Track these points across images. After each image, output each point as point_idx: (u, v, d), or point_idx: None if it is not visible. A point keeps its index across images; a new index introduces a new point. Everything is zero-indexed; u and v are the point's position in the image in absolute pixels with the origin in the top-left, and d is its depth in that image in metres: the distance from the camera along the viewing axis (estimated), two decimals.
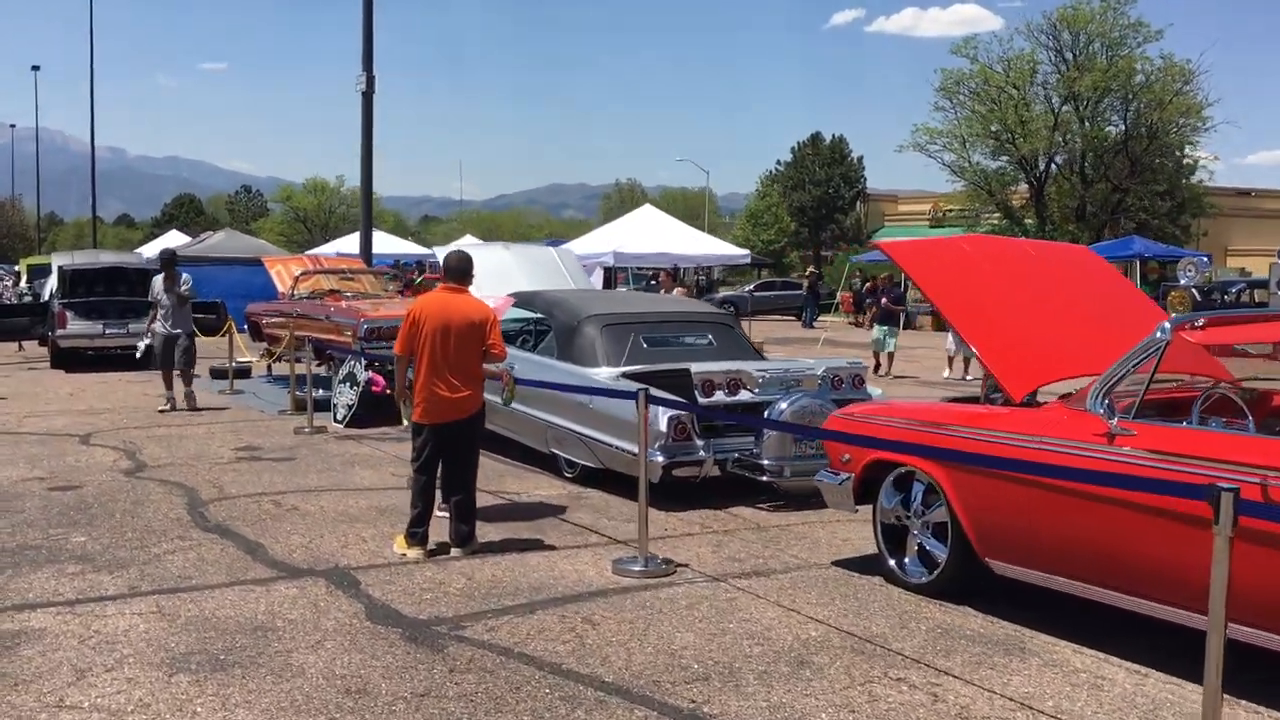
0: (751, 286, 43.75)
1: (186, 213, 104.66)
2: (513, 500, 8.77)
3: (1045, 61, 37.10)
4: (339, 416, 12.83)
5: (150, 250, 34.11)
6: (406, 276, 22.96)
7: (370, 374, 12.89)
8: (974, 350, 6.49)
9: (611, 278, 26.30)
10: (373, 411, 12.73)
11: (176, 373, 13.95)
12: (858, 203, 76.61)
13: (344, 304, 15.47)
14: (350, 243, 36.65)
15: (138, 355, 15.54)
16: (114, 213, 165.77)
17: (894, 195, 76.91)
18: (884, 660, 5.16)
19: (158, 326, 14.01)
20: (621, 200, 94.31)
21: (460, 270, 6.99)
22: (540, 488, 9.24)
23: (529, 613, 5.82)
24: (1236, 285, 25.21)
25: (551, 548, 7.21)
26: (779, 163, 78.53)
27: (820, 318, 35.25)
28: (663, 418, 8.14)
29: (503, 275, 12.34)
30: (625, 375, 8.92)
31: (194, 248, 30.52)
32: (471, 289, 7.15)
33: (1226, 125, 58.96)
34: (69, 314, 19.16)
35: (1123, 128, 37.33)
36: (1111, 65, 35.10)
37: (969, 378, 17.89)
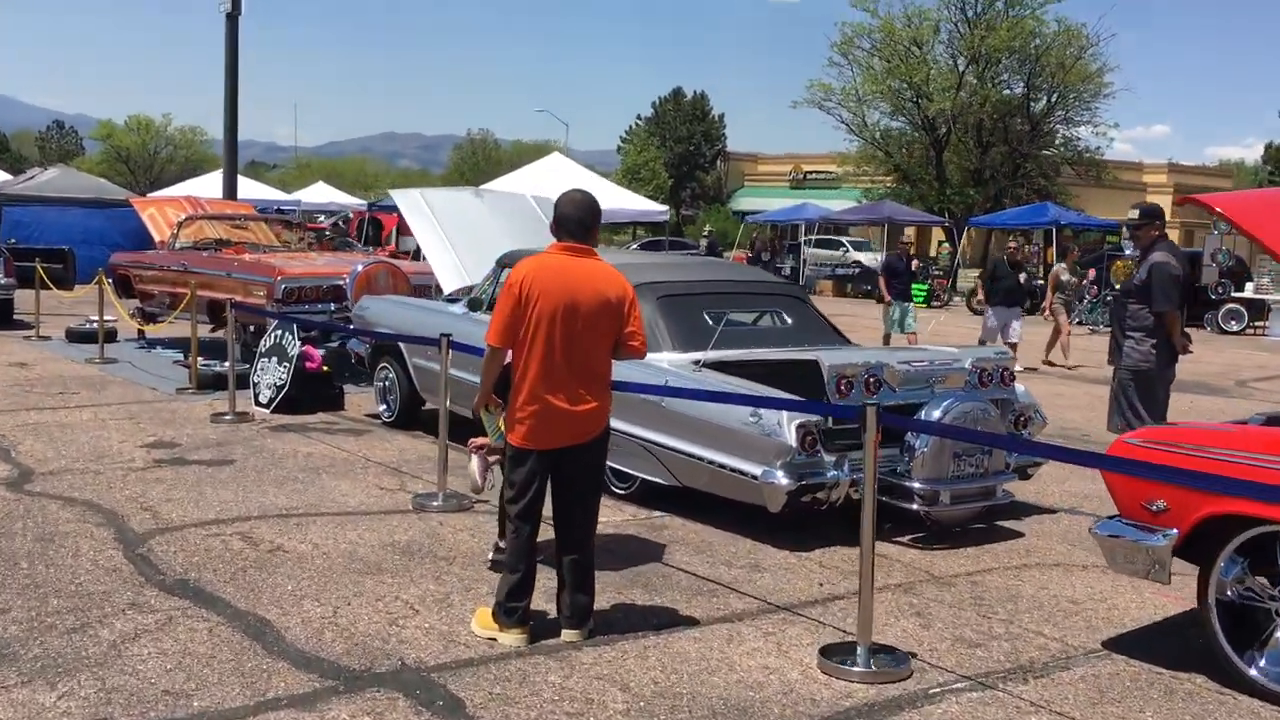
0: (635, 245, 41.51)
1: None
2: None
3: (947, 19, 36.00)
4: (263, 399, 10.31)
5: None
6: (309, 228, 19.82)
7: (304, 346, 10.41)
8: None
9: None
10: (306, 392, 10.28)
11: None
12: (718, 161, 75.40)
13: (250, 257, 12.82)
14: (203, 185, 33.04)
15: None
16: None
17: (754, 156, 76.04)
18: None
19: None
20: (474, 151, 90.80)
21: (583, 221, 4.72)
22: None
23: None
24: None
25: (694, 620, 5.10)
26: (639, 118, 76.66)
27: None
28: (788, 425, 6.11)
29: (475, 229, 10.03)
30: (702, 364, 6.84)
31: (19, 186, 26.60)
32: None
33: (1125, 92, 59.19)
34: None
35: (1023, 90, 36.55)
36: (1015, 25, 34.17)
37: (1070, 365, 15.99)
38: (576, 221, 4.67)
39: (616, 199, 23.16)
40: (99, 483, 7.33)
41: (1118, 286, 23.14)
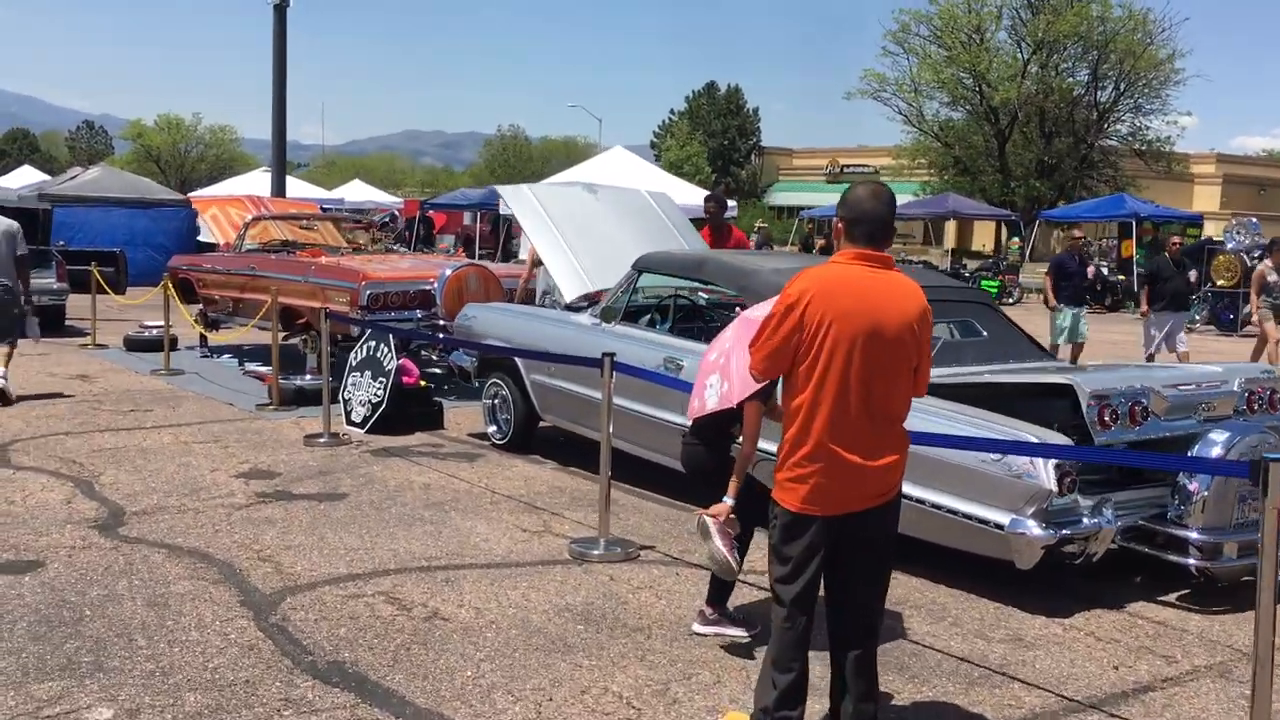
0: None
1: (20, 149, 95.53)
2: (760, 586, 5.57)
3: (1009, 4, 34.69)
4: (356, 418, 9.34)
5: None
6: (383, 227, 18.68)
7: (401, 359, 9.44)
8: None
9: None
10: (403, 410, 9.31)
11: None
12: (753, 155, 74.23)
13: (327, 260, 11.86)
14: (243, 184, 32.21)
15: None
16: None
17: (789, 150, 74.91)
18: None
19: None
20: (504, 148, 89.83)
21: (886, 222, 3.68)
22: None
23: None
24: (1255, 250, 23.21)
25: None
26: (673, 112, 75.65)
27: None
28: (1044, 463, 5.07)
29: (592, 229, 9.01)
30: None
31: (62, 186, 25.72)
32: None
33: (1198, 79, 55.54)
34: None
35: (1088, 78, 35.23)
36: (1081, 11, 32.84)
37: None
38: (878, 222, 3.62)
39: (685, 195, 22.07)
40: (202, 524, 6.36)
41: (1219, 283, 21.98)
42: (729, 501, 4.53)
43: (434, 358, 11.63)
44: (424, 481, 7.56)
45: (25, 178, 33.36)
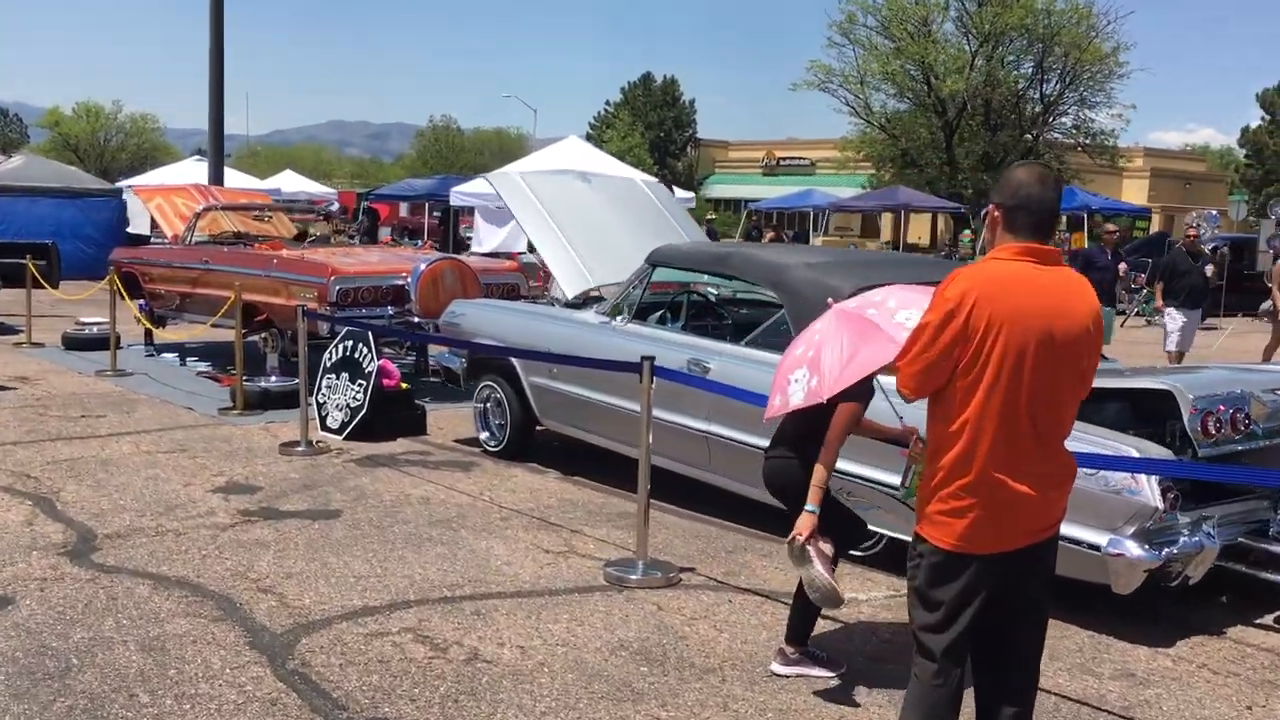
0: None
1: None
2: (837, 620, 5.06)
3: None
4: (333, 423, 8.66)
5: None
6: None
7: (381, 360, 8.79)
8: None
9: None
10: (384, 415, 8.65)
11: None
12: (689, 147, 73.87)
13: (289, 253, 11.11)
14: (173, 174, 30.98)
15: None
16: None
17: (725, 142, 74.75)
18: None
19: None
20: (436, 139, 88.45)
21: (1053, 210, 3.15)
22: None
23: None
24: (1212, 243, 23.23)
25: None
26: (608, 103, 75.09)
27: None
28: (1146, 480, 4.62)
29: (588, 220, 8.44)
30: None
31: None
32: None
33: (1141, 73, 55.43)
34: None
35: (1033, 70, 35.21)
36: (1028, 2, 32.78)
37: None
38: (1045, 210, 3.10)
39: None
40: (185, 549, 5.69)
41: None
42: (814, 510, 4.03)
43: (407, 357, 10.99)
44: (421, 495, 6.94)
45: None
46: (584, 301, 8.12)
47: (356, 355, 8.74)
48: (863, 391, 4.06)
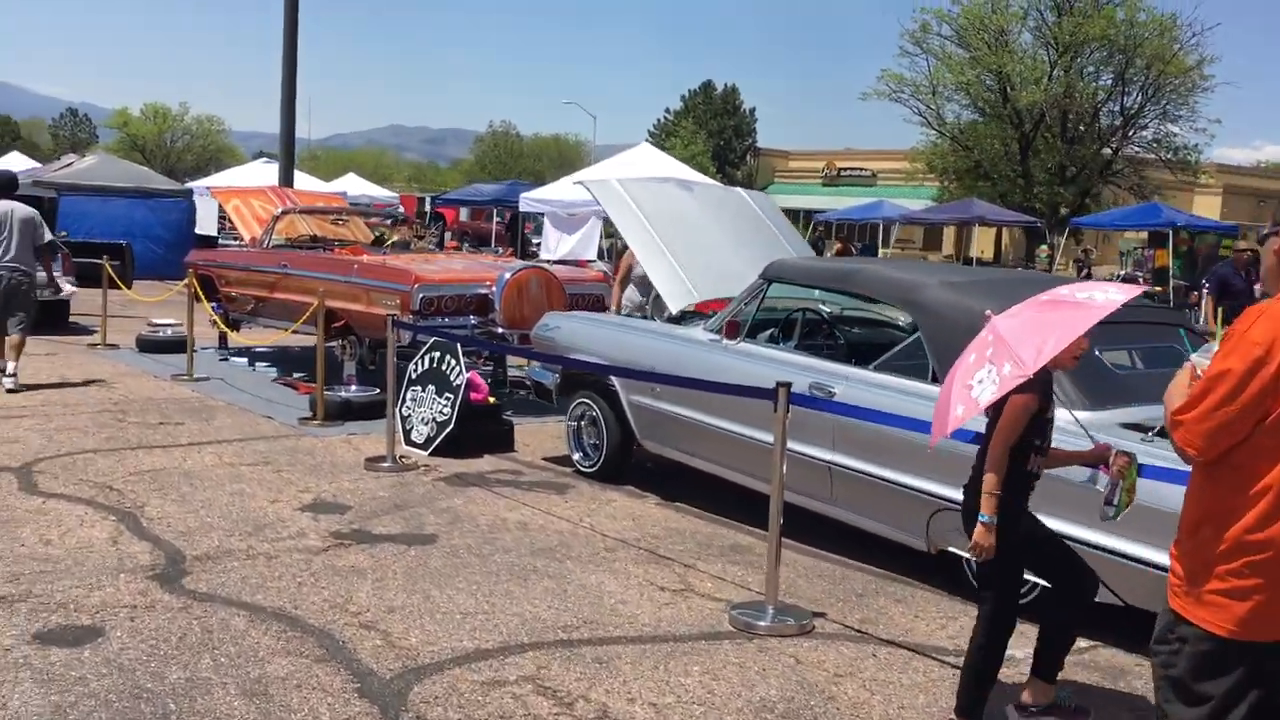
0: None
1: (1, 137, 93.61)
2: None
3: (1035, 4, 33.71)
4: (418, 437, 8.31)
5: None
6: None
7: (469, 372, 8.43)
8: None
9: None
10: (470, 430, 8.28)
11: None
12: (748, 156, 73.38)
13: (370, 258, 10.82)
14: (244, 175, 31.01)
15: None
16: None
17: (785, 152, 74.18)
18: None
19: None
20: (495, 144, 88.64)
21: None
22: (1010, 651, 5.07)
23: None
24: None
25: None
26: (668, 111, 74.90)
27: None
28: None
29: (690, 230, 8.03)
30: (1153, 434, 4.82)
31: (59, 174, 24.49)
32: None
33: (1226, 86, 53.61)
34: None
35: (1112, 82, 34.32)
36: (1109, 11, 31.94)
37: None
38: None
39: None
40: (279, 575, 5.34)
41: None
42: (989, 521, 3.63)
43: (483, 368, 10.64)
44: (518, 520, 6.55)
45: (14, 165, 31.91)
46: (679, 316, 7.72)
47: (444, 367, 8.39)
48: (1041, 382, 3.65)
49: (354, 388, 9.72)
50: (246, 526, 6.15)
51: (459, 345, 8.40)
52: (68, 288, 11.82)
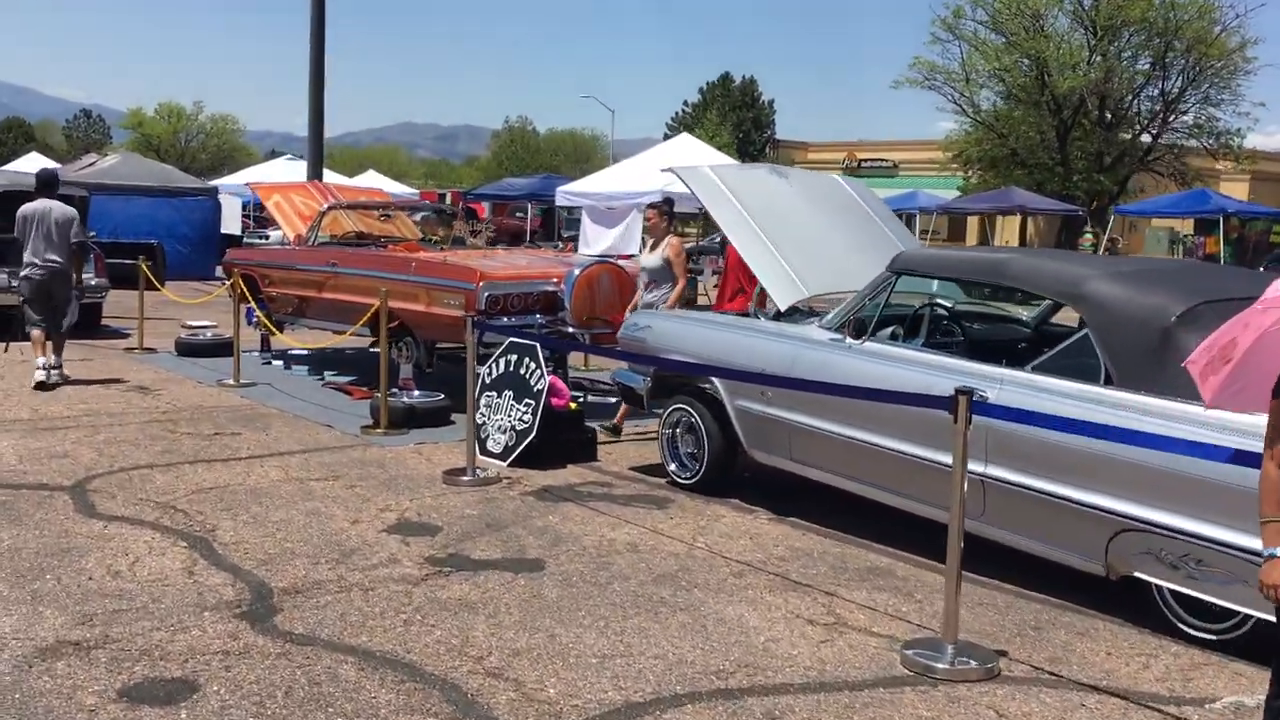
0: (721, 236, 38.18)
1: (16, 139, 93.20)
2: None
3: None
4: (494, 447, 7.71)
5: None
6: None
7: (549, 376, 7.82)
8: None
9: None
10: (551, 438, 7.67)
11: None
12: (767, 148, 72.63)
13: (427, 255, 10.22)
14: (268, 172, 30.45)
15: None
16: None
17: (804, 143, 73.42)
18: None
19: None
20: (512, 139, 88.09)
21: None
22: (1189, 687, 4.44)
23: None
24: None
25: None
26: (686, 104, 74.33)
27: None
28: None
29: (789, 220, 7.40)
30: None
31: (83, 173, 23.94)
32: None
33: (1270, 68, 52.32)
34: None
35: (1151, 66, 33.43)
36: None
37: None
38: None
39: None
40: (380, 611, 4.73)
41: None
42: (1275, 555, 2.96)
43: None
44: (627, 540, 5.94)
45: (35, 165, 31.42)
46: (782, 313, 7.08)
47: (522, 371, 7.77)
48: None
49: (416, 393, 9.12)
50: (331, 552, 5.55)
51: (539, 347, 7.79)
52: (75, 313, 10.52)
